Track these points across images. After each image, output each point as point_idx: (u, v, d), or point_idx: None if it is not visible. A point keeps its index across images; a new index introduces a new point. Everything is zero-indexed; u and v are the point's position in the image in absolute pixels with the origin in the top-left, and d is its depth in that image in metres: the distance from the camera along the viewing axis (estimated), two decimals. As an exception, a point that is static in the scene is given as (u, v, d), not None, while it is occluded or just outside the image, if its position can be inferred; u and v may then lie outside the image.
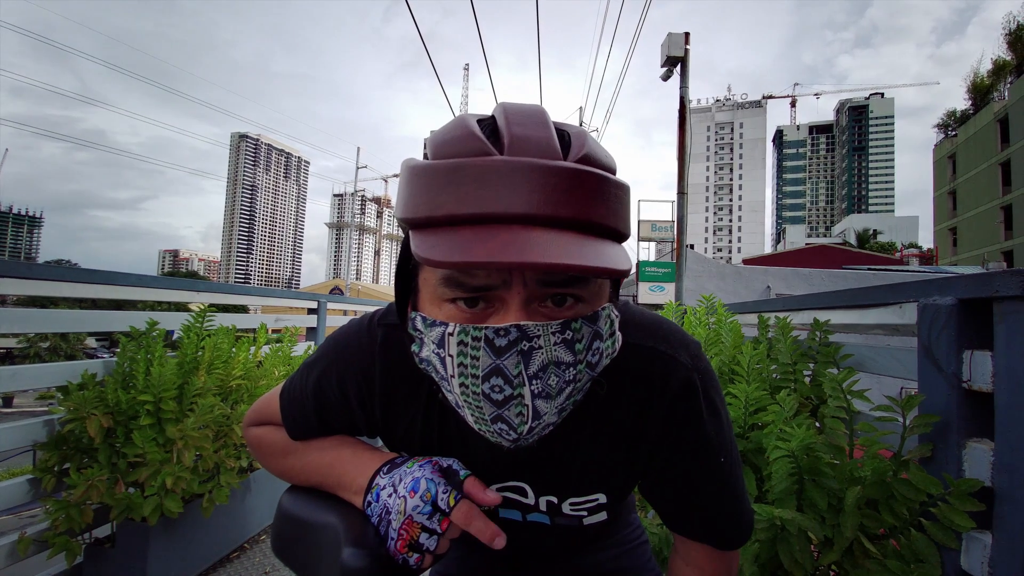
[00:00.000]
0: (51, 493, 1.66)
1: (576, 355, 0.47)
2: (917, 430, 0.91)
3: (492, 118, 0.50)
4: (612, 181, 0.47)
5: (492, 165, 0.43)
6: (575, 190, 0.44)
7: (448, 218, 0.43)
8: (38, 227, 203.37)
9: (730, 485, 0.62)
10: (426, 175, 0.45)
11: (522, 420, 0.47)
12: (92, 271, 1.90)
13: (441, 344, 0.47)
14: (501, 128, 0.47)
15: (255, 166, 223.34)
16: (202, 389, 1.91)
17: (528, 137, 0.46)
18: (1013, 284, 0.77)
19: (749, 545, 1.10)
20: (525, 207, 0.42)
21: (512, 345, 0.45)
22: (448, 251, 0.40)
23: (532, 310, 0.46)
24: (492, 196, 0.42)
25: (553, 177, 0.43)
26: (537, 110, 0.50)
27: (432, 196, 0.44)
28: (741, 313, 2.10)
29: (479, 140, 0.45)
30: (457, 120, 0.49)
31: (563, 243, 0.41)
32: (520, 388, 0.46)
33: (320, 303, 3.47)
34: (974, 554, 0.81)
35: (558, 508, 0.65)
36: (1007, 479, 0.77)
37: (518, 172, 0.43)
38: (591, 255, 0.41)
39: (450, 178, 0.44)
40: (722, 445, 0.61)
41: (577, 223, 0.44)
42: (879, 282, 13.68)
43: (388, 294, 28.86)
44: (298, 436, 0.68)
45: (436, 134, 0.49)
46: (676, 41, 8.31)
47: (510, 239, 0.40)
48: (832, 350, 1.35)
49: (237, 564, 2.22)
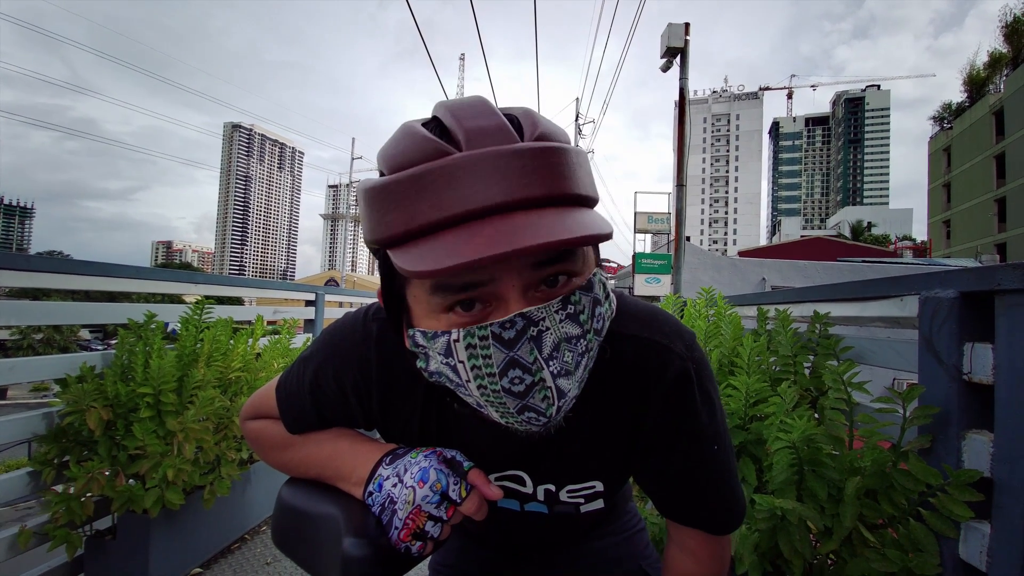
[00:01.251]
0: (51, 486, 1.66)
1: (583, 326, 0.48)
2: (917, 421, 0.92)
3: (435, 119, 0.49)
4: (572, 151, 0.47)
5: (456, 163, 0.43)
6: (541, 168, 0.44)
7: (426, 226, 0.43)
8: (29, 218, 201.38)
9: (722, 472, 0.63)
10: (390, 190, 0.44)
11: (548, 403, 0.47)
12: (86, 262, 1.87)
13: (449, 353, 0.47)
14: (451, 126, 0.46)
15: (249, 156, 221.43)
16: (202, 381, 1.90)
17: (482, 128, 0.45)
18: (1015, 277, 0.78)
19: (749, 534, 1.12)
20: (499, 196, 0.42)
21: (521, 334, 0.45)
22: (436, 259, 0.40)
23: (530, 297, 0.46)
24: (464, 194, 0.42)
25: (518, 160, 0.43)
26: (480, 101, 0.50)
27: (403, 210, 0.43)
28: (741, 305, 2.11)
29: (434, 142, 0.45)
30: (403, 129, 0.49)
31: (545, 221, 0.41)
32: (539, 372, 0.46)
33: (318, 295, 3.46)
34: (973, 544, 0.82)
35: (556, 496, 0.66)
36: (1007, 470, 0.78)
37: (483, 163, 0.42)
38: (575, 226, 0.41)
39: (417, 186, 0.43)
40: (716, 434, 0.62)
41: (551, 199, 0.44)
42: (873, 274, 13.73)
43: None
44: (296, 430, 0.68)
45: (386, 149, 0.48)
46: (676, 32, 8.26)
47: (494, 231, 0.40)
48: (832, 342, 1.36)
49: (238, 555, 2.23)
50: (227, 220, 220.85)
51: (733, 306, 1.91)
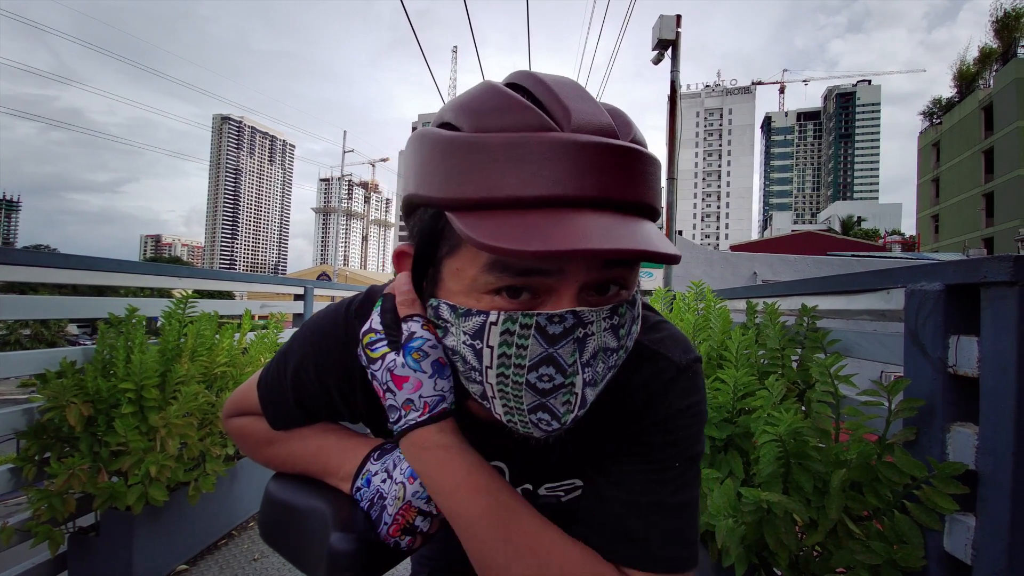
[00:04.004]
0: (32, 482, 1.63)
1: (620, 340, 0.46)
2: (902, 414, 0.92)
3: (524, 88, 0.46)
4: (657, 162, 0.45)
5: (563, 142, 0.40)
6: (638, 172, 0.42)
7: (511, 200, 0.39)
8: (15, 211, 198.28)
9: (679, 495, 0.54)
10: (475, 148, 0.41)
11: (568, 408, 0.45)
12: (72, 256, 1.84)
13: (478, 335, 0.44)
14: (549, 102, 0.43)
15: (239, 149, 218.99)
16: (185, 377, 1.87)
17: (587, 112, 0.43)
18: (1001, 270, 0.77)
19: (736, 527, 1.12)
20: (596, 190, 0.40)
21: (568, 332, 0.43)
22: (523, 239, 0.37)
23: (582, 299, 0.44)
24: (561, 177, 0.39)
25: (622, 158, 0.41)
26: (577, 84, 0.47)
27: (487, 174, 0.40)
28: (730, 299, 2.11)
29: (537, 114, 0.41)
30: (493, 88, 0.45)
31: (633, 228, 0.40)
32: (573, 376, 0.44)
33: (307, 289, 3.42)
34: (958, 536, 0.82)
35: (535, 494, 0.65)
36: (991, 462, 0.78)
37: (588, 151, 0.40)
38: (658, 240, 0.40)
39: (512, 154, 0.40)
40: (686, 454, 0.56)
41: (637, 206, 0.42)
42: (862, 268, 13.90)
43: (376, 280, 28.71)
44: (279, 426, 0.67)
45: (469, 103, 0.44)
46: (667, 24, 8.22)
47: (588, 225, 0.38)
48: (820, 335, 1.36)
49: (225, 551, 2.22)
50: (217, 214, 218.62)
51: (722, 299, 1.91)
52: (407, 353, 0.51)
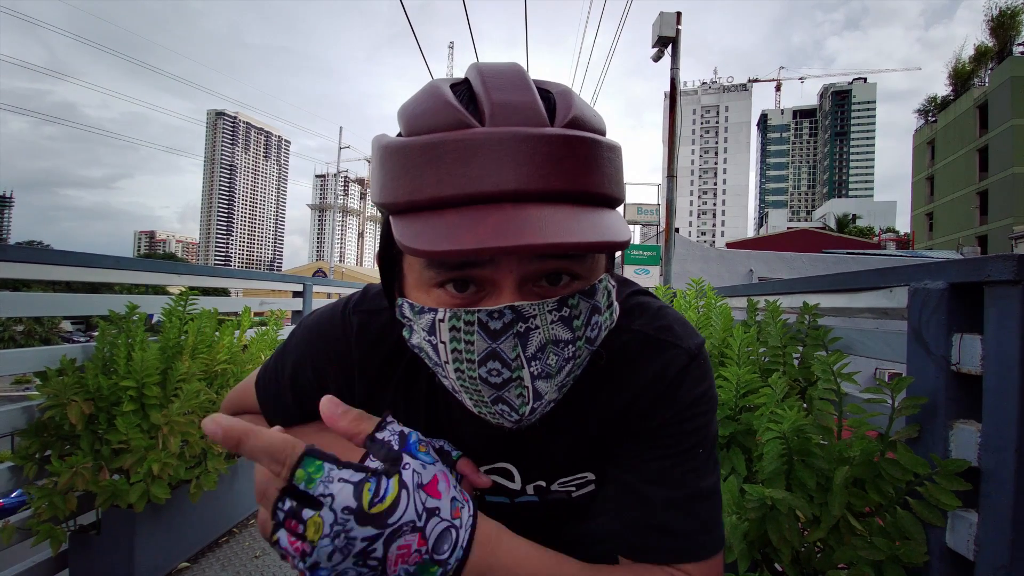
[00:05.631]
0: (33, 481, 1.63)
1: (575, 332, 0.46)
2: (905, 411, 0.93)
3: (466, 81, 0.46)
4: (604, 144, 0.44)
5: (474, 139, 0.40)
6: (566, 159, 0.40)
7: (430, 201, 0.40)
8: (8, 207, 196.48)
9: (703, 479, 0.56)
10: (401, 154, 0.42)
11: (523, 401, 0.46)
12: (67, 253, 1.82)
13: (432, 331, 0.46)
14: (479, 94, 0.43)
15: (233, 145, 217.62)
16: (186, 374, 1.87)
17: (510, 103, 0.42)
18: (1005, 269, 0.78)
19: (739, 523, 1.13)
20: (514, 183, 0.39)
21: (508, 327, 0.43)
22: (434, 239, 0.38)
23: (526, 290, 0.45)
24: (476, 174, 0.39)
25: (543, 147, 0.40)
26: (515, 69, 0.46)
27: (411, 178, 0.41)
28: (730, 296, 2.12)
29: (456, 111, 0.42)
30: (429, 88, 0.45)
31: (559, 219, 0.38)
32: (519, 371, 0.44)
33: (306, 286, 3.41)
34: (960, 532, 0.83)
35: (547, 489, 0.65)
36: (994, 459, 0.79)
37: (503, 145, 0.39)
38: (589, 229, 0.39)
39: (428, 156, 0.40)
40: (705, 439, 0.57)
41: (571, 195, 0.41)
42: (857, 266, 13.96)
43: (373, 276, 28.67)
44: (278, 423, 0.67)
45: (408, 106, 0.45)
46: (668, 21, 8.21)
47: (502, 220, 0.38)
48: (821, 333, 1.36)
49: (227, 548, 2.22)
50: (212, 210, 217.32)
51: (723, 297, 1.91)
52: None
